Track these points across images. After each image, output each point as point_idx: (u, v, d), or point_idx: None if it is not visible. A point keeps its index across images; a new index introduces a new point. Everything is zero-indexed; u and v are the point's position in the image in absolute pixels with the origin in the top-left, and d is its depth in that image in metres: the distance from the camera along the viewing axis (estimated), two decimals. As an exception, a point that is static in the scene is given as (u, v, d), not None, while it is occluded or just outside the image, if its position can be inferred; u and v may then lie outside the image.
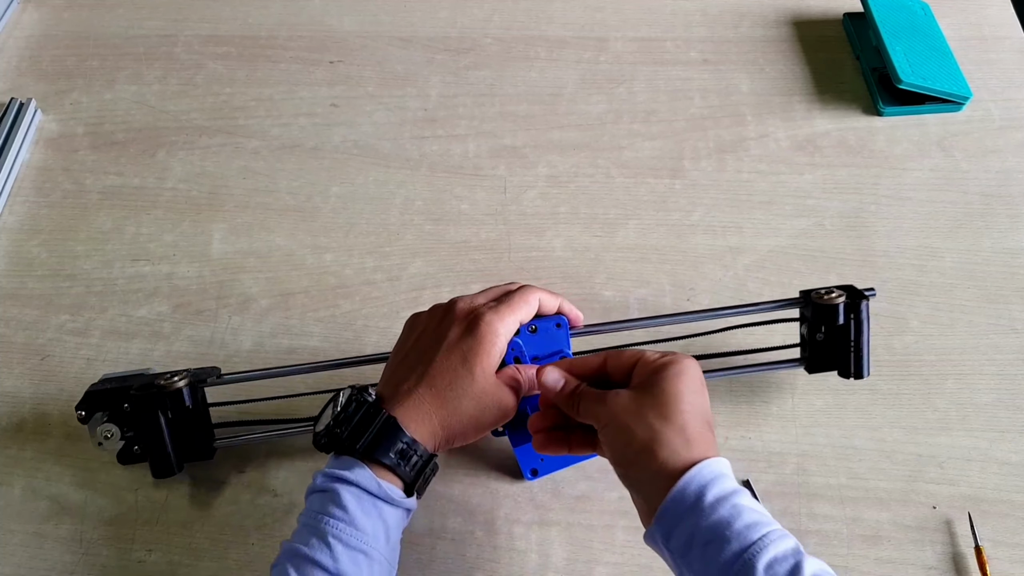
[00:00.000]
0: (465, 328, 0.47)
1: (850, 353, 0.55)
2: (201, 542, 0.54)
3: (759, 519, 0.38)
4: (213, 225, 0.69)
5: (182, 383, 0.52)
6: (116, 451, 0.53)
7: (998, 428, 0.58)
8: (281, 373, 0.56)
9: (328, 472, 0.44)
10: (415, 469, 0.45)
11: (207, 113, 0.76)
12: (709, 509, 0.38)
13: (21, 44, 0.82)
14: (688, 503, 0.39)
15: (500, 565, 0.53)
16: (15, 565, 0.53)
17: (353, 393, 0.46)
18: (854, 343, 0.54)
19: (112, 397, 0.53)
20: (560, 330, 0.51)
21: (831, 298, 0.54)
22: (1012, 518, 0.54)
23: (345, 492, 0.43)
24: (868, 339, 0.55)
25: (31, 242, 0.68)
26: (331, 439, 0.45)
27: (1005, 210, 0.69)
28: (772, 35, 0.82)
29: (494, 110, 0.76)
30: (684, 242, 0.67)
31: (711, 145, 0.73)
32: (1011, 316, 0.63)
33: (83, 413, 0.53)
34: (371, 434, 0.44)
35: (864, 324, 0.54)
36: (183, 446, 0.53)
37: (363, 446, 0.44)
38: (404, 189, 0.71)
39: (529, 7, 0.84)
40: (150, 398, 0.52)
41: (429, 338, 0.48)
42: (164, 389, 0.52)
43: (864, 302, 0.54)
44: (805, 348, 0.57)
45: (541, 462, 0.53)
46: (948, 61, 0.75)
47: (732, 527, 0.37)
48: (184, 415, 0.53)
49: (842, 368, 0.55)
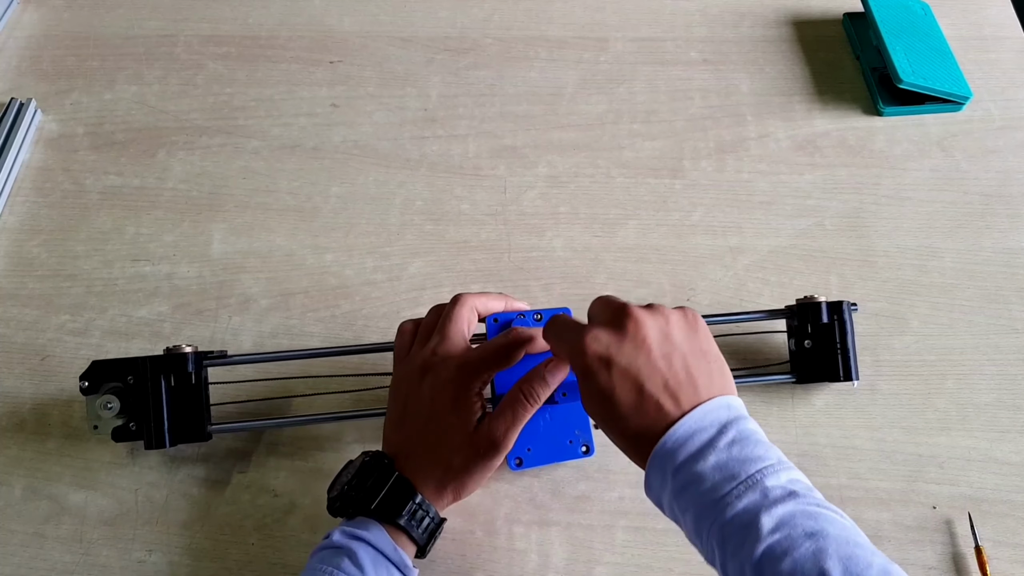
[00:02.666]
0: (429, 386, 0.47)
1: (837, 356, 0.56)
2: (201, 542, 0.54)
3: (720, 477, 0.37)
4: (213, 225, 0.69)
5: (188, 349, 0.54)
6: (112, 427, 0.53)
7: (998, 428, 0.58)
8: (284, 357, 0.57)
9: (346, 530, 0.44)
10: (427, 531, 0.46)
11: (207, 113, 0.76)
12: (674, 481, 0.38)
13: (21, 44, 0.82)
14: (661, 475, 0.38)
15: (500, 565, 0.53)
16: (15, 565, 0.53)
17: (368, 459, 0.47)
18: (840, 345, 0.56)
19: (117, 367, 0.54)
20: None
21: (812, 298, 0.57)
22: (1012, 518, 0.54)
23: (363, 552, 0.43)
24: (854, 342, 0.56)
25: (31, 242, 0.68)
26: (345, 501, 0.45)
27: (1005, 210, 0.69)
28: (772, 35, 0.82)
29: (494, 110, 0.76)
30: (684, 242, 0.67)
31: (711, 145, 0.73)
32: (1011, 316, 0.63)
33: (87, 384, 0.53)
34: (385, 495, 0.45)
35: (848, 324, 0.56)
36: (180, 422, 0.54)
37: (378, 507, 0.44)
38: (404, 189, 0.71)
39: (529, 7, 0.84)
40: (155, 360, 0.54)
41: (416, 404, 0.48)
42: (170, 352, 0.54)
43: (845, 303, 0.57)
44: (795, 360, 0.58)
45: (527, 451, 0.51)
46: (948, 61, 0.75)
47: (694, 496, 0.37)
48: (186, 387, 0.54)
49: (831, 374, 0.56)
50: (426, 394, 0.48)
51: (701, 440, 0.38)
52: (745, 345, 0.61)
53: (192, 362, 0.54)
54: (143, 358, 0.54)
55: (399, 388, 0.50)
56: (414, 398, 0.48)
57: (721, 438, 0.38)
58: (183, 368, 0.54)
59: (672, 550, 0.53)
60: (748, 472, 0.37)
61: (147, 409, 0.53)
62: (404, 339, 0.52)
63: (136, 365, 0.54)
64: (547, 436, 0.51)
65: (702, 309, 0.63)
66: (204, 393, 0.55)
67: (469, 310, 0.50)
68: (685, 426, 0.38)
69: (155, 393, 0.53)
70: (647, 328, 0.40)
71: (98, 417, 0.53)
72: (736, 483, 0.36)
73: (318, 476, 0.56)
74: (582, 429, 0.51)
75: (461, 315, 0.49)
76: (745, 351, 0.61)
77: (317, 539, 0.53)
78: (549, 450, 0.51)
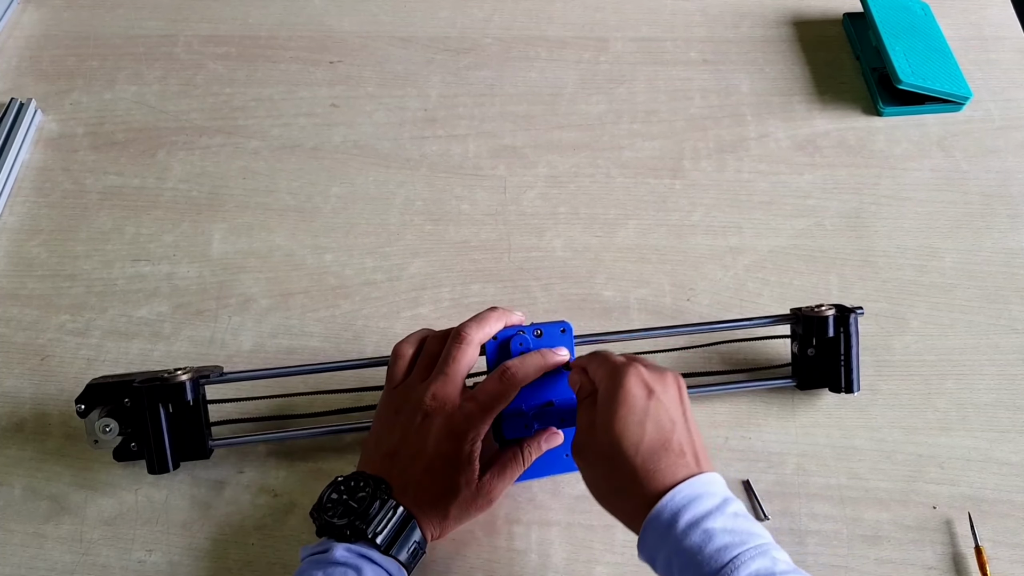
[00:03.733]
0: (432, 434, 0.47)
1: (840, 367, 0.56)
2: (201, 542, 0.54)
3: (730, 541, 0.38)
4: (213, 225, 0.69)
5: (185, 377, 0.52)
6: (112, 447, 0.53)
7: (998, 428, 0.58)
8: (282, 373, 0.56)
9: (353, 548, 0.44)
10: (417, 561, 0.47)
11: (207, 113, 0.76)
12: (681, 536, 0.38)
13: (21, 44, 0.82)
14: (661, 531, 0.39)
15: (500, 565, 0.53)
16: (15, 565, 0.53)
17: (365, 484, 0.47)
18: (844, 357, 0.56)
19: (113, 391, 0.53)
20: (564, 336, 0.51)
21: (821, 311, 0.56)
22: (1012, 518, 0.54)
23: (369, 571, 0.43)
24: (858, 353, 0.56)
25: (31, 242, 0.68)
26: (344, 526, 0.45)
27: (1005, 210, 0.69)
28: (772, 35, 0.82)
29: (494, 110, 0.76)
30: (684, 242, 0.67)
31: (711, 145, 0.73)
32: (1011, 316, 0.63)
33: (83, 407, 0.53)
34: (391, 528, 0.45)
35: (853, 338, 0.56)
36: (181, 443, 0.53)
37: (384, 540, 0.45)
38: (404, 189, 0.71)
39: (529, 7, 0.84)
40: (153, 390, 0.52)
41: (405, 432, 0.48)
42: (167, 382, 0.52)
43: (853, 315, 0.56)
44: (796, 365, 0.58)
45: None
46: (948, 61, 0.75)
47: (703, 552, 0.38)
48: (184, 410, 0.53)
49: (832, 383, 0.56)
50: (428, 441, 0.47)
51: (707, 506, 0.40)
52: (747, 347, 0.61)
53: (190, 390, 0.52)
54: (139, 387, 0.52)
55: (392, 418, 0.49)
56: (413, 438, 0.48)
57: (726, 507, 0.40)
58: (181, 396, 0.52)
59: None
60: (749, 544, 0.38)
61: (147, 436, 0.52)
62: (400, 365, 0.51)
63: (132, 391, 0.52)
64: (547, 452, 0.51)
65: (702, 309, 0.63)
66: (203, 413, 0.54)
67: (475, 349, 0.50)
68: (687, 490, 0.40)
69: (154, 421, 0.52)
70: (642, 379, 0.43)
71: (97, 436, 0.52)
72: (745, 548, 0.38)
73: (318, 476, 0.56)
74: None
75: (467, 356, 0.49)
76: (747, 351, 0.61)
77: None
78: (549, 464, 0.51)
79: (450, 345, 0.49)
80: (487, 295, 0.64)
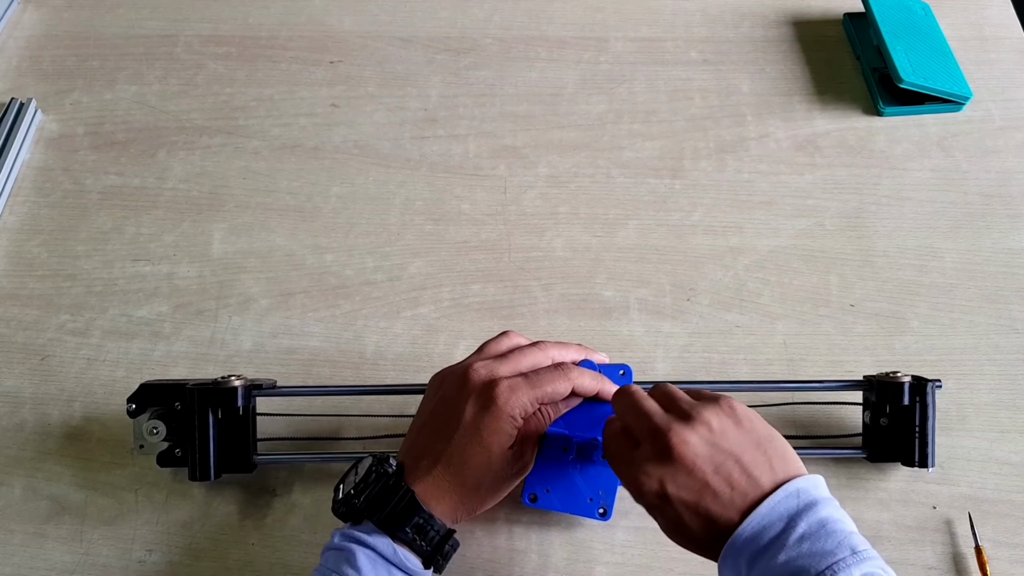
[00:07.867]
0: (480, 406, 0.46)
1: (915, 439, 0.53)
2: (201, 542, 0.54)
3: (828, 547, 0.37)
4: (213, 225, 0.69)
5: (238, 383, 0.52)
6: (157, 451, 0.53)
7: (998, 428, 0.58)
8: (337, 392, 0.57)
9: (346, 532, 0.44)
10: (432, 544, 0.45)
11: (207, 113, 0.76)
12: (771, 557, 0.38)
13: (21, 44, 0.82)
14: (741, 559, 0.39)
15: (500, 565, 0.53)
16: (15, 565, 0.53)
17: (374, 464, 0.46)
18: (919, 428, 0.53)
19: (165, 392, 0.53)
20: (624, 377, 0.51)
21: (896, 377, 0.53)
22: (1012, 518, 0.54)
23: (361, 554, 0.43)
24: (934, 426, 0.53)
25: (31, 242, 0.68)
26: (349, 509, 0.45)
27: (1005, 210, 0.69)
28: (772, 35, 0.82)
29: (494, 110, 0.76)
30: (684, 242, 0.67)
31: (711, 145, 0.73)
32: (1011, 316, 0.63)
33: (134, 406, 0.52)
34: (390, 508, 0.44)
35: (930, 408, 0.53)
36: (226, 453, 0.53)
37: (381, 519, 0.44)
38: (404, 189, 0.71)
39: (529, 7, 0.84)
40: (204, 392, 0.52)
41: (447, 411, 0.47)
42: (220, 385, 0.52)
43: (931, 385, 0.53)
44: (868, 435, 0.55)
45: (546, 492, 0.51)
46: (948, 61, 0.75)
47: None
48: (234, 419, 0.52)
49: (906, 457, 0.53)
50: (470, 412, 0.46)
51: (768, 537, 0.38)
52: (807, 413, 0.59)
53: (242, 396, 0.52)
54: (192, 388, 0.52)
55: (437, 390, 0.49)
56: (450, 409, 0.47)
57: (791, 533, 0.38)
58: (232, 402, 0.52)
59: (672, 550, 0.52)
60: (818, 568, 0.37)
61: (193, 440, 0.52)
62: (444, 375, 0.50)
63: (184, 393, 0.52)
64: (572, 487, 0.50)
65: (702, 309, 0.63)
66: (252, 425, 0.53)
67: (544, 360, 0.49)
68: (753, 523, 0.39)
69: (202, 426, 0.52)
70: (693, 447, 0.40)
71: (144, 439, 0.52)
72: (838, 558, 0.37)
73: (318, 476, 0.56)
74: (608, 493, 0.50)
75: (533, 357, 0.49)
76: (806, 419, 0.58)
77: (317, 539, 0.54)
78: (568, 500, 0.50)
79: (527, 346, 0.50)
80: (487, 295, 0.65)
